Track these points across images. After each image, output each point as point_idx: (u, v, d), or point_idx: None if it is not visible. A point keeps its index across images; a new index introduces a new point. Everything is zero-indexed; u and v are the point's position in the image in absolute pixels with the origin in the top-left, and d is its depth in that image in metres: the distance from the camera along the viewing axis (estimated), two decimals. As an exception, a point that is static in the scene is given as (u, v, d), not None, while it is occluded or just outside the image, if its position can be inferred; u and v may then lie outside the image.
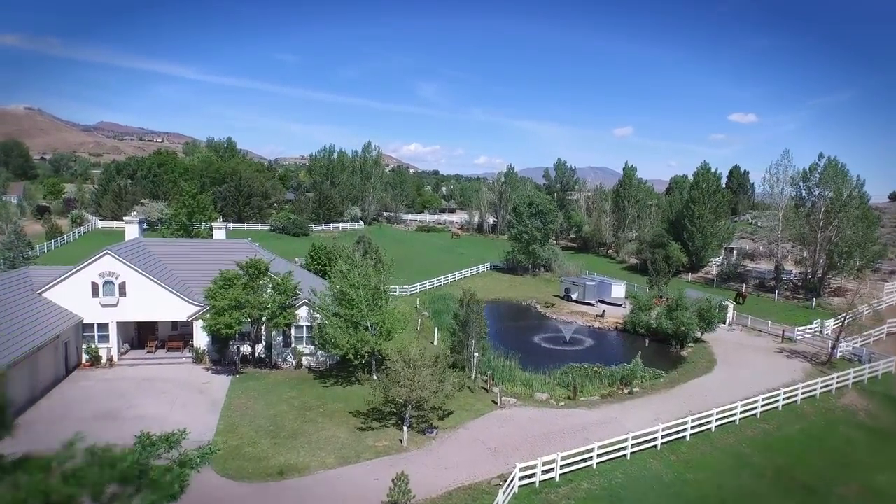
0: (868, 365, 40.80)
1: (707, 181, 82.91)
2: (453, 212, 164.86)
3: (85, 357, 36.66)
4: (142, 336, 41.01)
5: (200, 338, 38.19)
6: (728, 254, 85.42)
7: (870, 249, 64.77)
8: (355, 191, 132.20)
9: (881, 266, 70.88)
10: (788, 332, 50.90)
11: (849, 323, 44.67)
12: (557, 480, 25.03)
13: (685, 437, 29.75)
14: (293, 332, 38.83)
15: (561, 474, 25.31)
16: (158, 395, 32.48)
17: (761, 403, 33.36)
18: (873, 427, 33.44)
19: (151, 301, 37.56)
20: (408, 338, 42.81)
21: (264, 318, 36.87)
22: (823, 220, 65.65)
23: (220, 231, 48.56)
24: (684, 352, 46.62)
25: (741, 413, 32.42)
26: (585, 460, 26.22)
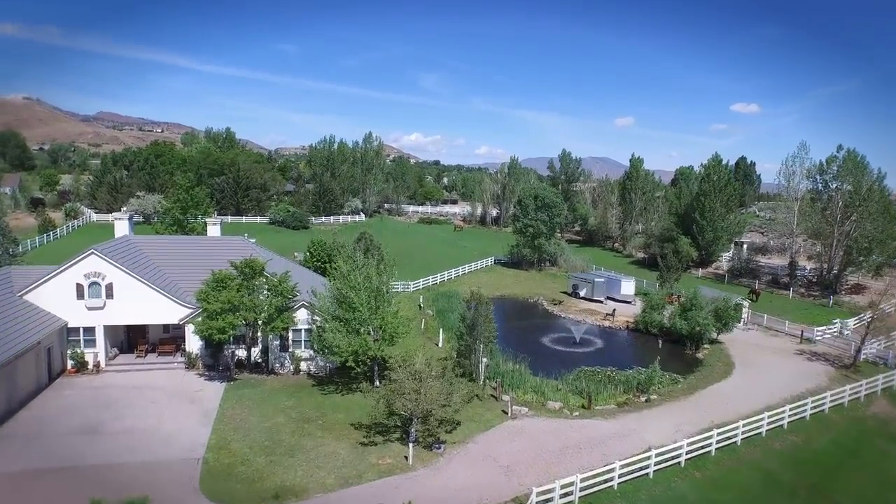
0: (896, 369, 38.81)
1: (718, 173, 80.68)
2: (455, 203, 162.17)
3: (70, 363, 34.63)
4: (132, 340, 38.99)
5: (193, 342, 36.11)
6: (738, 248, 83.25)
7: (890, 245, 62.54)
8: (356, 182, 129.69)
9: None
10: (807, 333, 48.81)
11: (873, 324, 42.60)
12: (577, 504, 23.07)
13: (710, 451, 27.80)
14: (291, 335, 36.72)
15: (581, 496, 23.34)
16: (147, 404, 30.53)
17: (788, 413, 31.34)
18: (908, 439, 31.40)
19: (140, 303, 35.47)
20: (412, 341, 40.79)
21: (260, 322, 34.76)
22: (841, 215, 63.40)
23: (214, 227, 46.24)
24: (700, 353, 44.59)
25: (768, 424, 30.40)
26: (606, 481, 24.27)
